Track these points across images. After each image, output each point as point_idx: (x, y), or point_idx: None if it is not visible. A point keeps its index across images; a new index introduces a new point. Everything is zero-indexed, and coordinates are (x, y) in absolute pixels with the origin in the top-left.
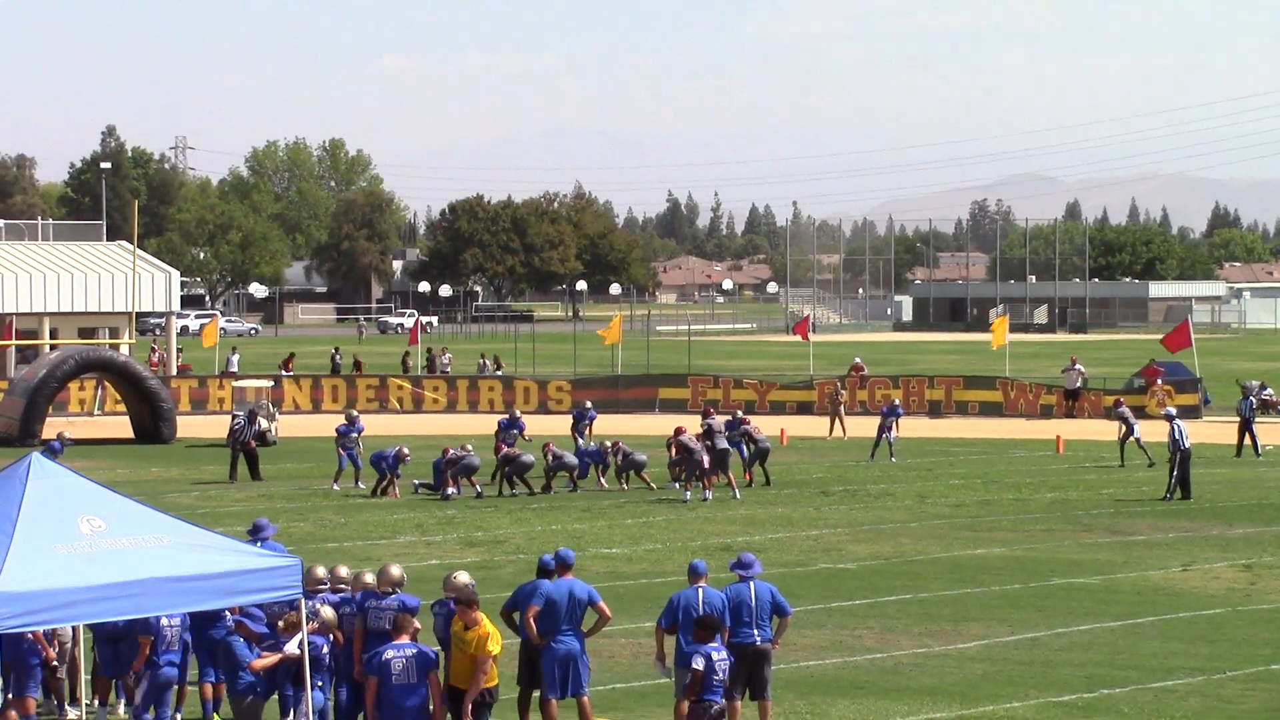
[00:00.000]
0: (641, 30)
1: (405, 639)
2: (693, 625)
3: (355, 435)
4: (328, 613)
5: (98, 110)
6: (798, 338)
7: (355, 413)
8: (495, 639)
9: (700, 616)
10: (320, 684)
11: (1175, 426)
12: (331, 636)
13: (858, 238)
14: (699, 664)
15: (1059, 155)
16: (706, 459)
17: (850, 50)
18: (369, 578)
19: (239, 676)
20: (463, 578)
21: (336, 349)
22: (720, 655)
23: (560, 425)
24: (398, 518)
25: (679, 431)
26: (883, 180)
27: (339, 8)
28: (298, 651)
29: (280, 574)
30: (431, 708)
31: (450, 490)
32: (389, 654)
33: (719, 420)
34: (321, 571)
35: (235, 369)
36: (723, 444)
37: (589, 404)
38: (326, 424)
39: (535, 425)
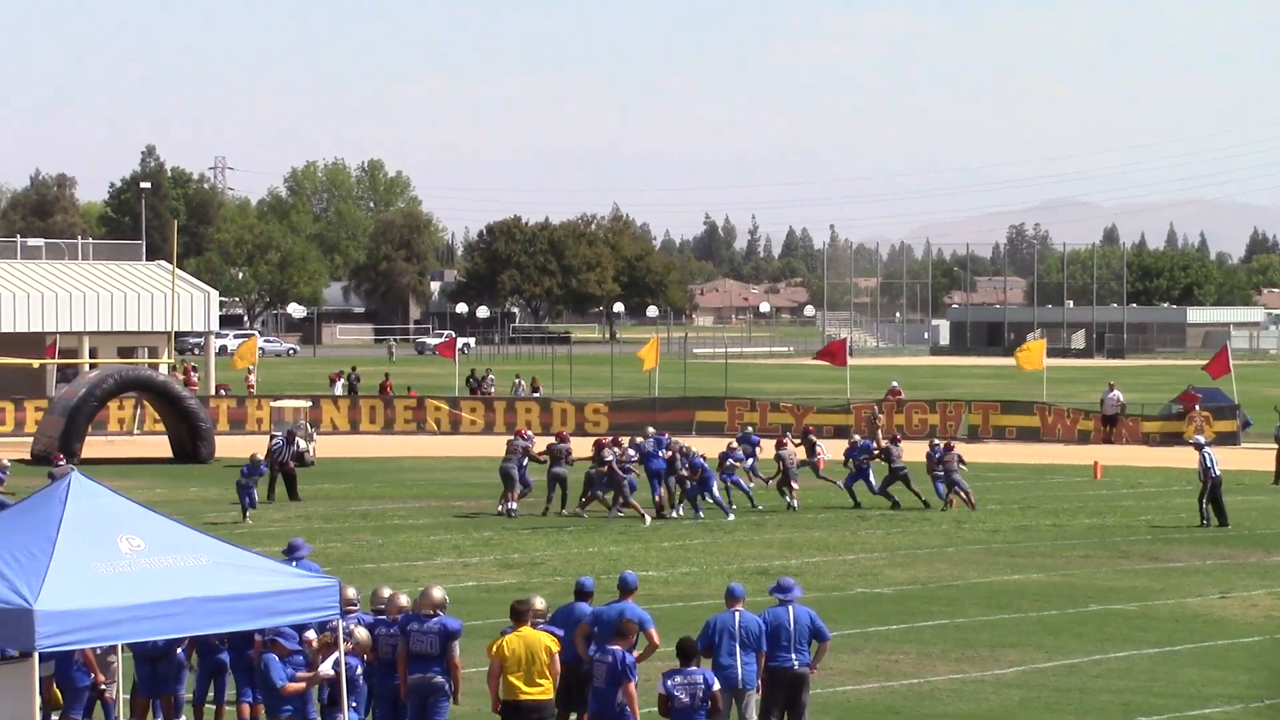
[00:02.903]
0: (680, 52)
1: (618, 644)
2: (714, 649)
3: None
4: (362, 633)
5: (138, 130)
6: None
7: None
8: (493, 646)
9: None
10: (355, 704)
11: (1205, 455)
12: (365, 658)
13: (895, 261)
14: (661, 689)
15: (1097, 180)
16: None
17: (889, 74)
18: (403, 600)
19: (277, 696)
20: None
21: (353, 368)
22: (693, 680)
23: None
24: (435, 539)
25: (781, 444)
26: (920, 204)
27: (378, 29)
28: (332, 672)
29: (318, 594)
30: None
31: (512, 506)
32: (595, 654)
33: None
34: (352, 592)
35: (339, 392)
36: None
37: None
38: (364, 444)
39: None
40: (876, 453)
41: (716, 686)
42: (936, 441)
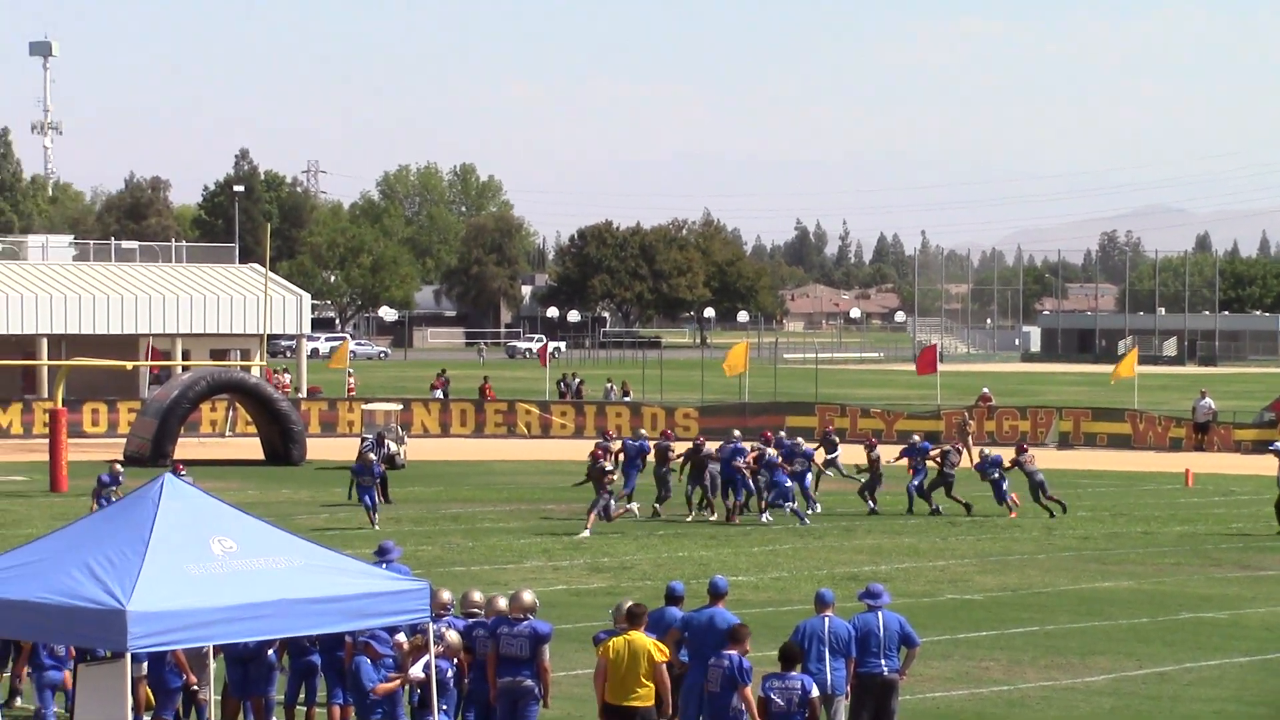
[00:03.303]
0: (769, 57)
1: (734, 649)
2: (804, 654)
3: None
4: (453, 636)
5: (231, 134)
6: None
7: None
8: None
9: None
10: (445, 707)
11: None
12: (456, 660)
13: (986, 268)
14: (759, 693)
15: (1189, 187)
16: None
17: (980, 79)
18: (501, 603)
19: (368, 699)
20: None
21: (443, 370)
22: (790, 686)
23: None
24: (524, 542)
25: (871, 445)
26: (1011, 210)
27: (470, 34)
28: (422, 675)
29: (409, 597)
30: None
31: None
32: (710, 661)
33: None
34: (447, 596)
35: (441, 395)
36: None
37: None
38: (455, 448)
39: None
40: (935, 455)
41: (815, 694)
42: (986, 451)
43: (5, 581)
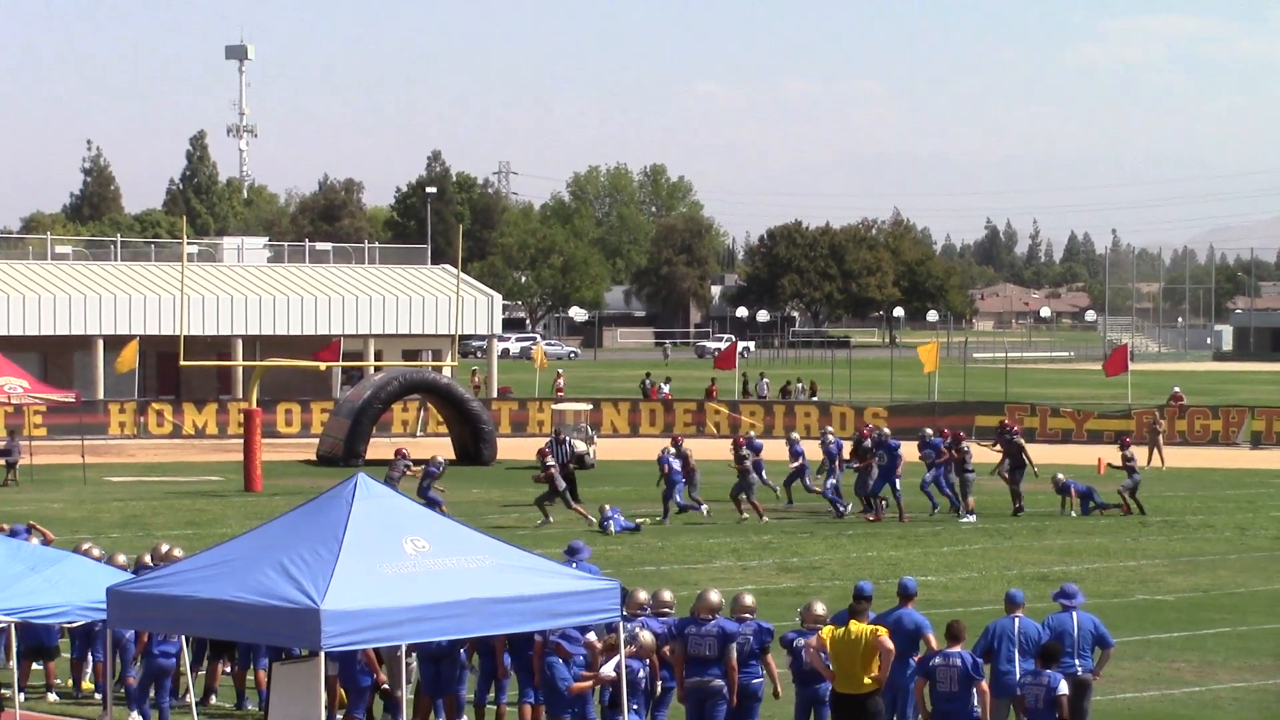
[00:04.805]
0: (959, 56)
1: (958, 647)
2: (993, 655)
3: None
4: (646, 637)
5: (424, 136)
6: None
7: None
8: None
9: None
10: (635, 708)
11: None
12: (649, 661)
13: (1177, 266)
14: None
15: None
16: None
17: (1172, 77)
18: (643, 595)
19: (560, 698)
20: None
21: (648, 374)
22: (1039, 683)
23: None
24: (714, 542)
25: (1007, 427)
26: (1203, 208)
27: (660, 34)
28: (614, 674)
29: (599, 597)
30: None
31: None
32: (935, 661)
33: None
34: (644, 596)
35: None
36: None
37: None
38: (644, 447)
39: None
40: (949, 453)
41: (1061, 691)
42: (927, 432)
43: (202, 580)
